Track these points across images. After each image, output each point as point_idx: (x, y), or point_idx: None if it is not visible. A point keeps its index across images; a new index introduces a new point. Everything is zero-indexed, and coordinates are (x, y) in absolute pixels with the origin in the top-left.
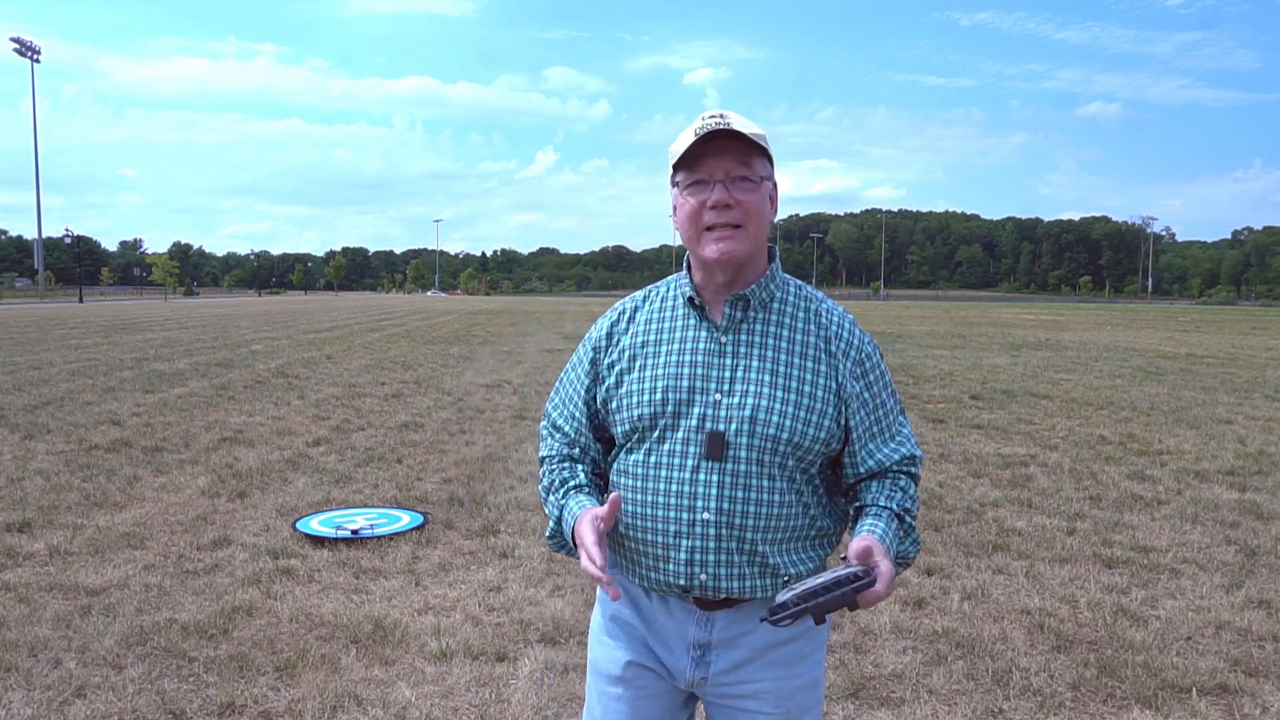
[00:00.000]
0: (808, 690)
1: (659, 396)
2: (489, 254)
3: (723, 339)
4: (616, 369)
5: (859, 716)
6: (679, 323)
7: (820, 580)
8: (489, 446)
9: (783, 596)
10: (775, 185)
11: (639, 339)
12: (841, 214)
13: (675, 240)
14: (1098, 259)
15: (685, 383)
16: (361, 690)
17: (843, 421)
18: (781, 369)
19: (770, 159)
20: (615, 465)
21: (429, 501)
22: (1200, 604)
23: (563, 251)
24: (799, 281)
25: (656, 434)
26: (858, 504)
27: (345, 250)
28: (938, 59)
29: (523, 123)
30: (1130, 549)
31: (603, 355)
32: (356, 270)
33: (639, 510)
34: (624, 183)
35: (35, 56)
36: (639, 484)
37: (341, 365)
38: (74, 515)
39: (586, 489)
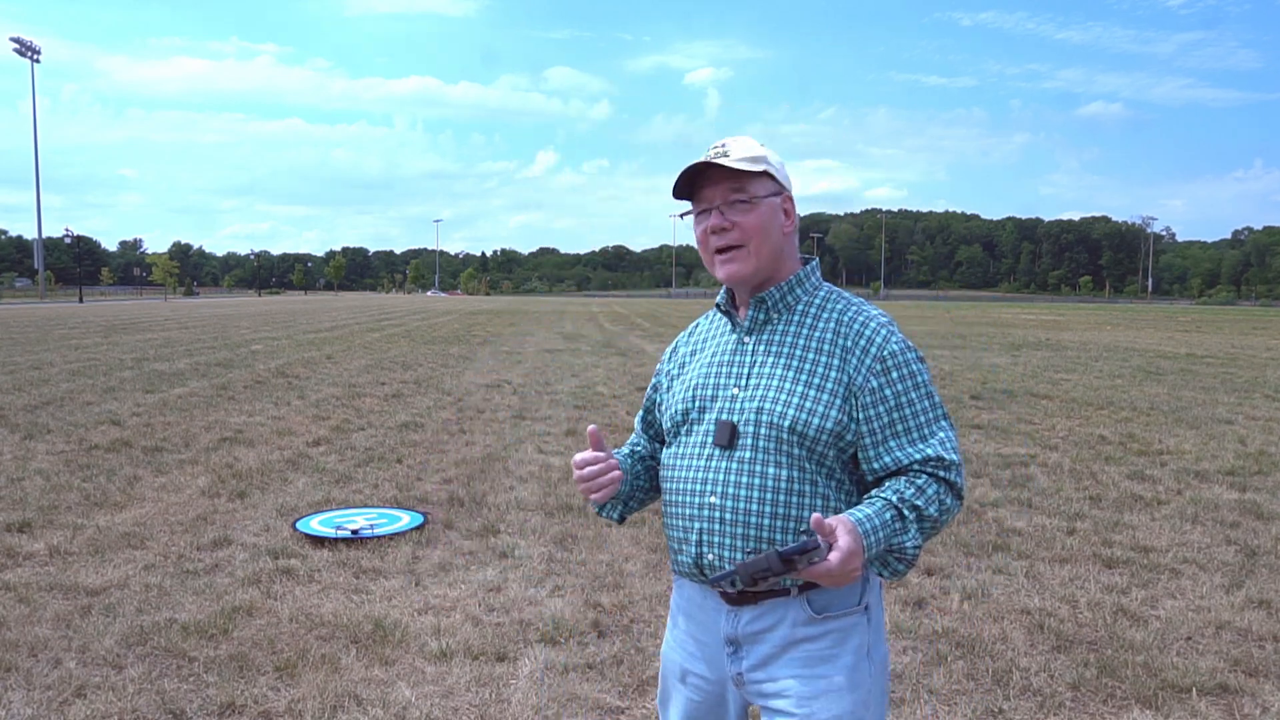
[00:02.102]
0: (834, 695)
1: (690, 394)
2: (489, 254)
3: (746, 339)
4: (670, 376)
5: None
6: (717, 330)
7: (756, 555)
8: (489, 446)
9: (728, 568)
10: (788, 197)
11: (689, 349)
12: (842, 214)
13: (675, 241)
14: (1098, 259)
15: (712, 380)
16: (361, 690)
17: (852, 414)
18: (795, 363)
19: (773, 177)
20: (662, 463)
21: (429, 501)
22: (1200, 604)
23: (563, 251)
24: (839, 290)
25: (686, 428)
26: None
27: (345, 250)
28: (939, 59)
29: (523, 123)
30: (1130, 549)
31: (664, 367)
32: (356, 270)
33: (668, 499)
34: (624, 183)
35: (35, 56)
36: (668, 474)
37: (341, 365)
38: (74, 515)
39: (623, 454)
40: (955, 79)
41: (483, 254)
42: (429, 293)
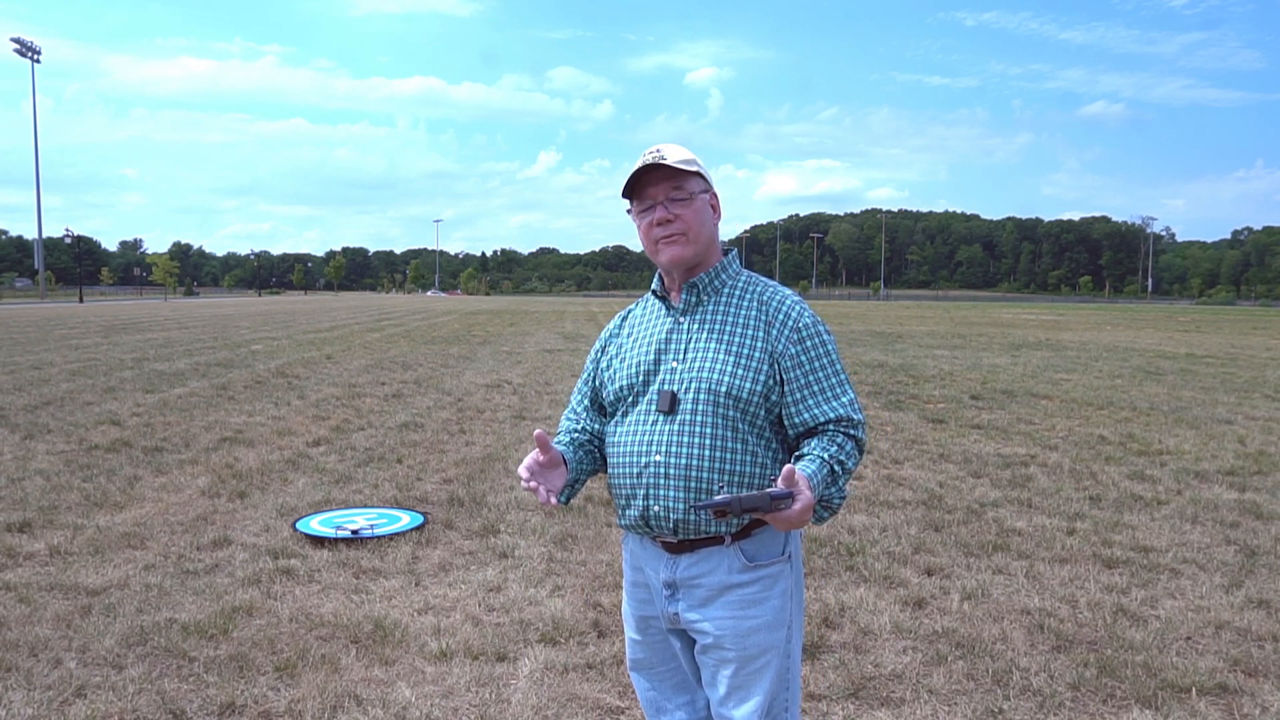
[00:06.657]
0: (764, 632)
1: (633, 369)
2: (489, 254)
3: (681, 319)
4: (608, 355)
5: (859, 716)
6: (653, 314)
7: (750, 492)
8: (489, 446)
9: (718, 496)
10: (714, 195)
11: (626, 333)
12: (842, 214)
13: None
14: (1098, 259)
15: (652, 356)
16: (361, 690)
17: (777, 378)
18: (726, 337)
19: (703, 176)
20: (606, 433)
21: (429, 501)
22: (1200, 604)
23: (563, 251)
24: (756, 275)
25: (631, 399)
26: (798, 454)
27: (345, 250)
28: (941, 59)
29: (526, 123)
30: (1130, 549)
31: (602, 351)
32: (356, 270)
33: (615, 463)
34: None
35: (35, 57)
36: (615, 441)
37: (341, 365)
38: (74, 515)
39: (564, 443)
40: (958, 79)
41: (483, 254)
42: (429, 293)
